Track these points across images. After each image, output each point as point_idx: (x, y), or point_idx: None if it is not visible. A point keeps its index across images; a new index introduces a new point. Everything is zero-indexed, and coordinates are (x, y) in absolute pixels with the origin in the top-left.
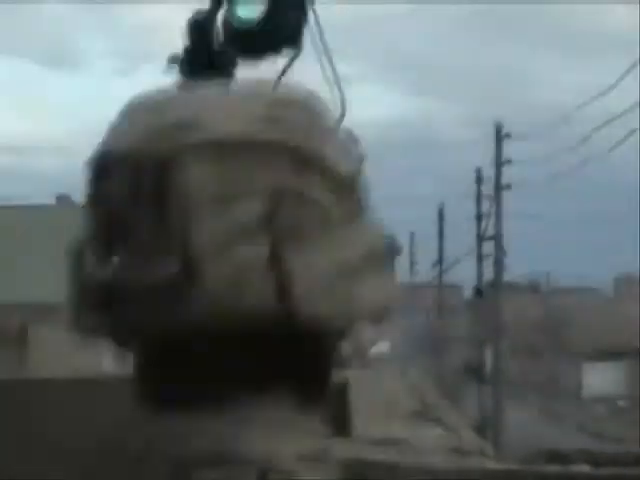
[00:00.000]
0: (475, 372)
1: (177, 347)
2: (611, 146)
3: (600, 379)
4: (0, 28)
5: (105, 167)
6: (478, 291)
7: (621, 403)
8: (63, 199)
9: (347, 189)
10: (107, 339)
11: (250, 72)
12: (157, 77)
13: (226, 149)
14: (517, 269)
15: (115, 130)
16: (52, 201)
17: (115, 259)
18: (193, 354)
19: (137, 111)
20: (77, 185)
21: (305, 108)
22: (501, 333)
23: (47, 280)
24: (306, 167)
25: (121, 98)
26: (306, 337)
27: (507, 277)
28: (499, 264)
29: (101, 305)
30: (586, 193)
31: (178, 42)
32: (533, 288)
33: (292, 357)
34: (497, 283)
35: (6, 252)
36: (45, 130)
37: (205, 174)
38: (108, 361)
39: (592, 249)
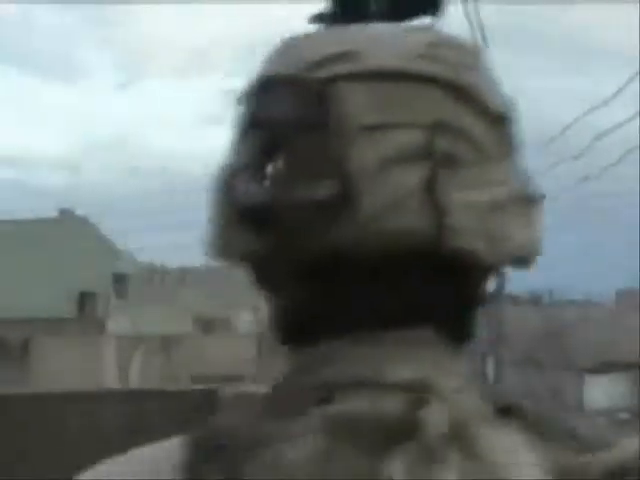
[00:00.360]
0: None
1: (327, 272)
2: (607, 163)
3: (602, 391)
4: (1, 42)
5: (267, 91)
6: None
7: (623, 415)
8: (66, 213)
9: (500, 127)
10: (256, 264)
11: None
12: (158, 91)
13: (383, 79)
14: (519, 282)
15: (274, 59)
16: (55, 215)
17: (272, 180)
18: (341, 280)
19: (295, 45)
20: (79, 199)
21: (461, 48)
22: (502, 345)
23: (49, 294)
24: (461, 101)
25: (124, 111)
26: (456, 271)
27: (509, 289)
28: (501, 276)
29: (255, 227)
30: (587, 207)
31: (178, 55)
32: (535, 301)
33: (439, 292)
34: (498, 295)
35: (9, 266)
36: (47, 144)
37: (363, 102)
38: (110, 375)
39: (594, 262)
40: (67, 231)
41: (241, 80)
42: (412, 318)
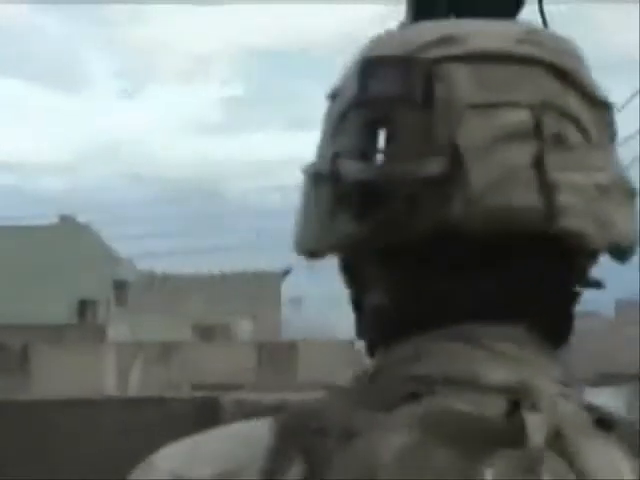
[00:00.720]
0: None
1: (429, 256)
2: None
3: (601, 404)
4: (3, 50)
5: (372, 72)
6: None
7: None
8: (66, 220)
9: (601, 113)
10: (351, 255)
11: None
12: (159, 98)
13: (489, 61)
14: None
15: (376, 45)
16: (55, 221)
17: (380, 158)
18: (444, 264)
19: (398, 33)
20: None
21: (558, 36)
22: None
23: (49, 301)
24: (565, 84)
25: (125, 119)
26: (562, 256)
27: None
28: None
29: (359, 209)
30: None
31: (181, 62)
32: None
33: (545, 280)
34: None
35: (9, 273)
36: (48, 151)
37: (470, 82)
38: (109, 382)
39: (593, 272)
40: (67, 237)
41: (242, 87)
42: (510, 311)
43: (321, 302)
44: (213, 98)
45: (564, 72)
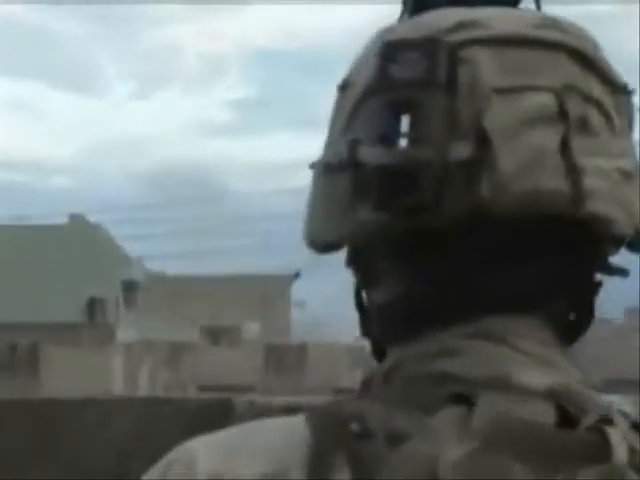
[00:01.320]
0: None
1: (456, 242)
2: None
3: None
4: (16, 50)
5: (395, 54)
6: None
7: None
8: (76, 219)
9: (622, 99)
10: (381, 235)
11: None
12: (171, 99)
13: (511, 45)
14: None
15: (395, 28)
16: (65, 220)
17: (405, 142)
18: (469, 249)
19: (419, 18)
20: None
21: (574, 23)
22: None
23: (59, 300)
24: (587, 69)
25: (137, 120)
26: (586, 242)
27: None
28: None
29: (384, 194)
30: None
31: (191, 64)
32: None
33: (569, 267)
34: None
35: (19, 271)
36: (59, 150)
37: (493, 66)
38: (118, 383)
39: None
40: (77, 236)
41: (252, 89)
42: (533, 302)
43: (324, 305)
44: (223, 100)
45: (585, 56)
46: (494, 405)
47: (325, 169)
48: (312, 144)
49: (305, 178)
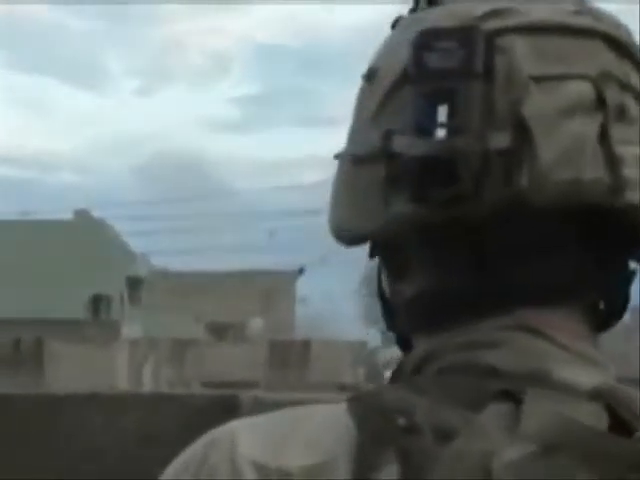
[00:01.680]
0: None
1: (495, 232)
2: None
3: None
4: (23, 47)
5: (430, 43)
6: None
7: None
8: (81, 214)
9: None
10: (418, 226)
11: None
12: (176, 95)
13: (546, 33)
14: None
15: (432, 14)
16: (70, 216)
17: (442, 132)
18: (512, 238)
19: (451, 5)
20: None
21: (606, 12)
22: None
23: (64, 296)
24: (622, 56)
25: (142, 117)
26: (621, 231)
27: None
28: None
29: (421, 185)
30: None
31: (197, 60)
32: None
33: (607, 258)
34: None
35: (23, 267)
36: (64, 146)
37: (529, 54)
38: (123, 379)
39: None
40: (82, 232)
41: (257, 85)
42: (568, 294)
43: (326, 301)
44: (228, 96)
45: (620, 44)
46: (541, 404)
47: (353, 160)
48: (319, 141)
49: (309, 175)
